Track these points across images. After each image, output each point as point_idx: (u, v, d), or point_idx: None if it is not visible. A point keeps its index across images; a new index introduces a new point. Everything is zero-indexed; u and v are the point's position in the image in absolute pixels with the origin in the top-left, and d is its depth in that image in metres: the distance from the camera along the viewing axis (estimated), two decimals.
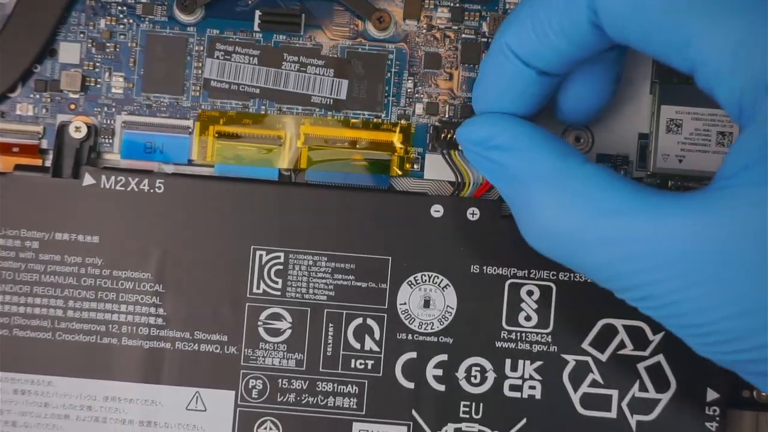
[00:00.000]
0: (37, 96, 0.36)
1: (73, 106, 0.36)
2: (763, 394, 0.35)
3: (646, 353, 0.35)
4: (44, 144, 0.36)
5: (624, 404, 0.35)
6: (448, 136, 0.36)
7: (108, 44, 0.36)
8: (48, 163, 0.36)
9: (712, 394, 0.35)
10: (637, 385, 0.35)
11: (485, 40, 0.36)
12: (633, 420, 0.35)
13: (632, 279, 0.28)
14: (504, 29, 0.30)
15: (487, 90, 0.31)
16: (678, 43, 0.27)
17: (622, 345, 0.35)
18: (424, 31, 0.36)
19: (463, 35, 0.36)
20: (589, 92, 0.33)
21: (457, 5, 0.36)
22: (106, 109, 0.36)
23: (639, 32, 0.28)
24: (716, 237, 0.26)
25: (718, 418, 0.35)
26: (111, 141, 0.36)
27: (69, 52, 0.36)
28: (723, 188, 0.26)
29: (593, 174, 0.29)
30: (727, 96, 0.27)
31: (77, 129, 0.35)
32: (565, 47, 0.29)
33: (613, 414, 0.35)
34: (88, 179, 0.35)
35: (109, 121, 0.36)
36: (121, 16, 0.36)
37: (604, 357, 0.35)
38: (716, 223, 0.26)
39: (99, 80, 0.36)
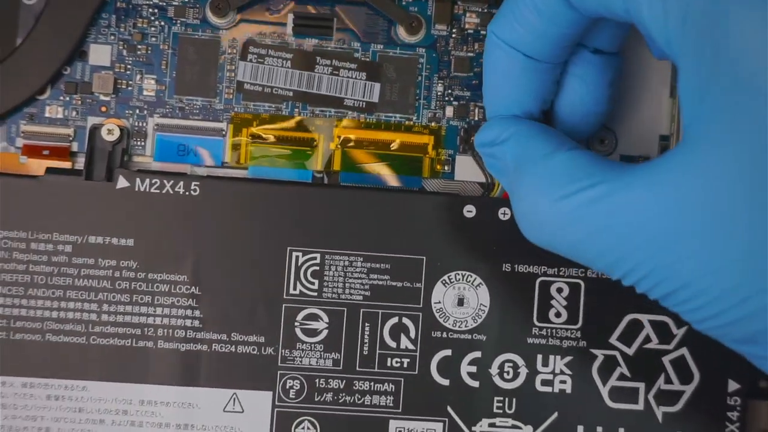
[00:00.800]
0: (67, 98, 0.30)
1: (104, 109, 0.31)
2: None
3: (671, 347, 0.31)
4: (74, 147, 0.31)
5: (650, 396, 0.31)
6: None
7: (139, 46, 0.31)
8: (78, 166, 0.30)
9: (733, 385, 0.31)
10: (662, 378, 0.31)
11: None
12: (659, 411, 0.31)
13: (611, 254, 0.24)
14: (492, 19, 0.27)
15: (489, 85, 0.28)
16: None
17: (647, 339, 0.31)
18: (453, 35, 0.31)
19: None
20: (583, 96, 0.29)
21: (485, 10, 0.31)
22: (137, 111, 0.31)
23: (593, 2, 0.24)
24: (670, 207, 0.22)
25: (738, 408, 0.31)
26: (143, 144, 0.31)
27: (99, 54, 0.31)
28: (678, 154, 0.22)
29: (574, 157, 0.25)
30: (656, 32, 0.23)
31: (110, 131, 0.30)
32: (541, 26, 0.26)
33: (640, 406, 0.31)
34: (122, 182, 0.30)
35: (140, 124, 0.31)
36: (152, 18, 0.30)
37: (630, 351, 0.31)
38: (675, 188, 0.22)
39: (130, 82, 0.31)
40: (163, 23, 0.31)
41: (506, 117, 0.28)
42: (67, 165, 0.30)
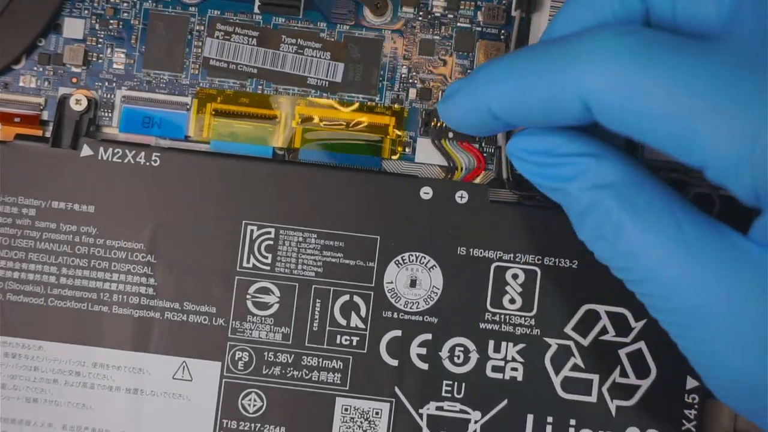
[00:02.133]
0: (40, 69, 0.31)
1: (74, 80, 0.31)
2: None
3: (628, 340, 0.30)
4: (45, 115, 0.31)
5: (604, 389, 0.30)
6: (438, 124, 0.31)
7: (111, 21, 0.31)
8: (48, 134, 0.31)
9: (691, 383, 0.30)
10: (618, 371, 0.30)
11: (479, 29, 0.31)
12: (613, 405, 0.30)
13: (669, 302, 0.23)
14: (486, 84, 0.24)
15: (457, 120, 0.26)
16: (681, 143, 0.22)
17: (604, 331, 0.30)
18: (420, 18, 0.31)
19: (458, 24, 0.31)
20: None
21: None
22: (107, 83, 0.31)
23: (640, 134, 0.22)
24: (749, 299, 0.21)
25: (696, 406, 0.29)
26: (110, 115, 0.31)
27: (73, 27, 0.31)
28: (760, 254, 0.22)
29: (662, 193, 0.23)
30: (741, 189, 0.22)
31: (78, 102, 0.30)
32: (544, 124, 0.24)
33: (593, 398, 0.30)
34: (86, 150, 0.30)
35: (109, 96, 0.31)
36: None
37: (586, 342, 0.30)
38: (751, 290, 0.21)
39: (101, 56, 0.31)
40: None
41: (558, 129, 0.25)
42: (37, 133, 0.31)
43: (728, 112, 0.21)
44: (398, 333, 0.30)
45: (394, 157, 0.31)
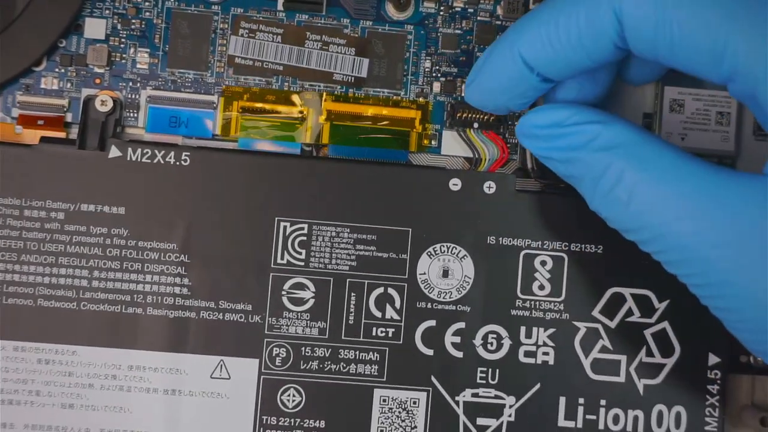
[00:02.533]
0: (62, 70, 0.30)
1: (98, 81, 0.31)
2: (759, 359, 0.31)
3: (652, 320, 0.31)
4: (69, 117, 0.30)
5: (632, 369, 0.31)
6: (464, 115, 0.31)
7: (134, 20, 0.30)
8: (72, 136, 0.30)
9: (713, 359, 0.31)
10: (644, 351, 0.31)
11: (499, 23, 0.31)
12: (640, 384, 0.31)
13: (685, 253, 0.23)
14: (517, 35, 0.25)
15: (486, 85, 0.27)
16: (712, 55, 0.22)
17: (629, 312, 0.31)
18: (441, 12, 0.31)
19: (479, 18, 0.31)
20: (590, 92, 0.28)
21: None
22: (131, 84, 0.30)
23: (669, 49, 0.23)
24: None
25: (719, 381, 0.31)
26: (136, 115, 0.31)
27: (94, 27, 0.30)
28: None
29: (670, 148, 0.24)
30: None
31: (103, 103, 0.30)
32: (580, 61, 0.25)
33: (621, 378, 0.31)
34: (114, 151, 0.30)
35: (133, 96, 0.30)
36: None
37: (613, 324, 0.31)
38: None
39: (124, 55, 0.30)
40: None
41: (563, 103, 0.27)
42: (61, 135, 0.30)
43: (759, 18, 0.21)
44: (432, 323, 0.30)
45: (425, 144, 0.31)
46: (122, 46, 0.31)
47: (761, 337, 0.23)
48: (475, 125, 0.31)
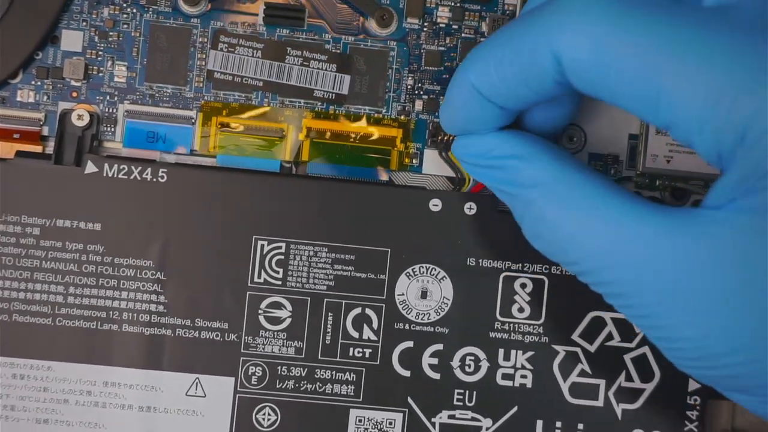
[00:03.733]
0: (39, 83, 0.30)
1: (75, 94, 0.30)
2: None
3: (632, 345, 0.30)
4: (45, 131, 0.30)
5: (611, 393, 0.30)
6: (446, 137, 0.30)
7: (111, 33, 0.30)
8: (49, 150, 0.30)
9: (693, 385, 0.30)
10: (623, 375, 0.30)
11: (484, 39, 0.30)
12: (619, 408, 0.30)
13: (616, 287, 0.23)
14: (469, 65, 0.25)
15: (453, 116, 0.26)
16: (647, 102, 0.22)
17: (609, 337, 0.30)
18: (425, 29, 0.30)
19: (464, 35, 0.30)
20: (558, 115, 0.27)
21: (458, 5, 0.30)
22: (108, 97, 0.30)
23: (608, 92, 0.22)
24: (701, 259, 0.22)
25: (698, 407, 0.30)
26: (113, 130, 0.30)
27: (71, 39, 0.30)
28: (710, 216, 0.22)
29: (591, 182, 0.24)
30: (705, 149, 0.22)
31: (80, 117, 0.29)
32: (526, 95, 0.24)
33: (600, 402, 0.30)
34: (90, 167, 0.29)
35: (111, 110, 0.30)
36: (124, 5, 0.30)
37: (592, 348, 0.30)
38: (702, 246, 0.22)
39: (101, 69, 0.30)
40: (135, 10, 0.30)
41: (497, 131, 0.26)
42: (37, 149, 0.30)
43: (693, 71, 0.21)
44: (410, 344, 0.30)
45: (406, 163, 0.31)
46: (100, 59, 0.30)
47: (691, 364, 0.23)
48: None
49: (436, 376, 0.30)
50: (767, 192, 0.21)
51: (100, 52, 0.30)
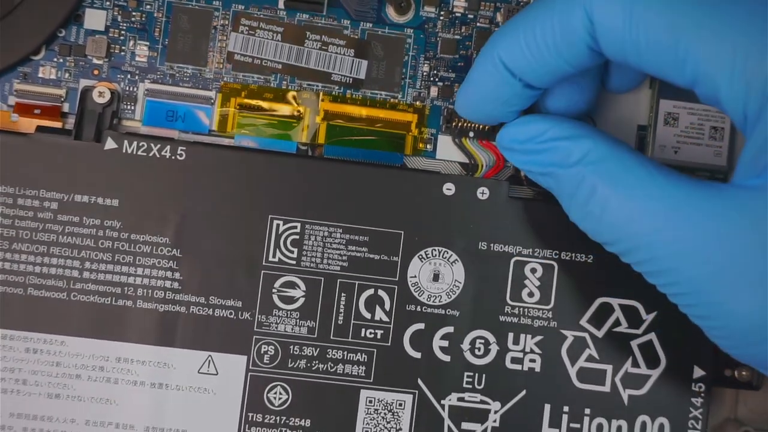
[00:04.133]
0: (61, 60, 0.30)
1: (96, 72, 0.30)
2: (743, 373, 0.31)
3: (639, 331, 0.30)
4: (65, 107, 0.30)
5: (617, 379, 0.30)
6: (460, 123, 0.31)
7: (134, 13, 0.30)
8: (69, 126, 0.30)
9: (698, 372, 0.30)
10: (630, 361, 0.30)
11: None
12: (625, 394, 0.30)
13: (660, 263, 0.23)
14: (497, 40, 0.26)
15: (472, 94, 0.27)
16: (676, 59, 0.23)
17: (617, 323, 0.30)
18: (441, 17, 0.31)
19: (479, 24, 0.31)
20: (577, 101, 0.28)
21: None
22: (129, 76, 0.30)
23: (636, 51, 0.23)
24: (746, 234, 0.22)
25: (703, 394, 0.30)
26: (133, 108, 0.30)
27: (94, 18, 0.30)
28: (745, 188, 0.23)
29: (640, 161, 0.24)
30: (731, 106, 0.23)
31: (101, 94, 0.30)
32: (558, 65, 0.25)
33: (606, 388, 0.30)
34: (110, 143, 0.29)
35: (131, 89, 0.30)
36: None
37: (600, 334, 0.30)
38: (748, 222, 0.22)
39: (123, 48, 0.30)
40: None
41: (536, 114, 0.27)
42: (57, 125, 0.30)
43: (722, 28, 0.22)
44: (421, 326, 0.30)
45: (420, 148, 0.31)
46: (122, 38, 0.30)
47: (735, 342, 0.23)
48: (471, 134, 0.31)
49: (447, 358, 0.30)
50: None
51: (123, 32, 0.30)
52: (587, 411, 0.30)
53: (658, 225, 0.23)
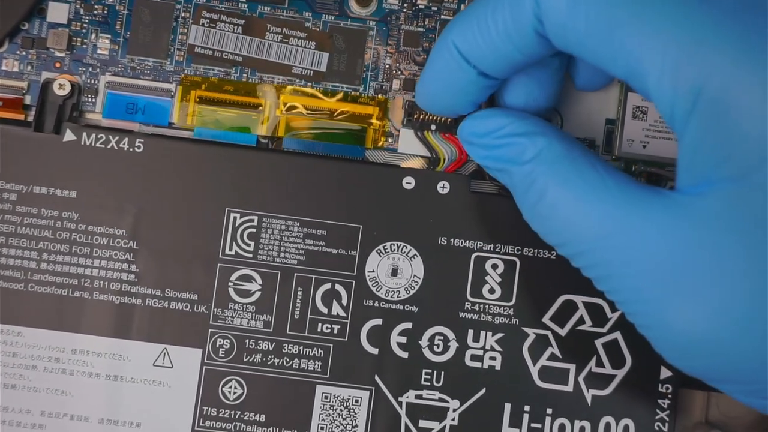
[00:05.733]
0: (23, 53, 0.30)
1: (58, 65, 0.30)
2: None
3: (604, 330, 0.29)
4: (28, 100, 0.30)
5: (581, 378, 0.29)
6: (421, 116, 0.30)
7: (96, 6, 0.30)
8: (30, 119, 0.30)
9: (665, 373, 0.29)
10: (594, 361, 0.29)
11: None
12: (589, 394, 0.29)
13: (605, 269, 0.23)
14: (451, 26, 0.25)
15: (430, 83, 0.26)
16: (611, 50, 0.22)
17: (581, 321, 0.29)
18: (404, 9, 0.30)
19: (443, 16, 0.30)
20: (537, 96, 0.27)
21: None
22: (90, 69, 0.30)
23: (577, 39, 0.23)
24: (688, 243, 0.21)
25: (670, 396, 0.29)
26: (94, 100, 0.30)
27: (57, 11, 0.30)
28: (687, 195, 0.22)
29: (592, 164, 0.24)
30: (660, 105, 0.22)
31: (61, 86, 0.29)
32: (508, 52, 0.24)
33: (569, 387, 0.29)
34: (68, 135, 0.29)
35: (93, 81, 0.30)
36: None
37: (563, 332, 0.29)
38: (688, 230, 0.21)
39: (85, 40, 0.30)
40: None
41: (498, 108, 0.26)
42: (19, 117, 0.30)
43: (653, 23, 0.21)
44: (379, 322, 0.29)
45: (382, 141, 0.30)
46: (84, 31, 0.30)
47: (677, 354, 0.22)
48: (433, 127, 0.30)
49: (405, 354, 0.29)
50: (729, 166, 0.20)
51: (85, 24, 0.30)
52: (549, 411, 0.29)
53: (603, 231, 0.23)
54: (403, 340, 0.29)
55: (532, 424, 0.29)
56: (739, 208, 0.20)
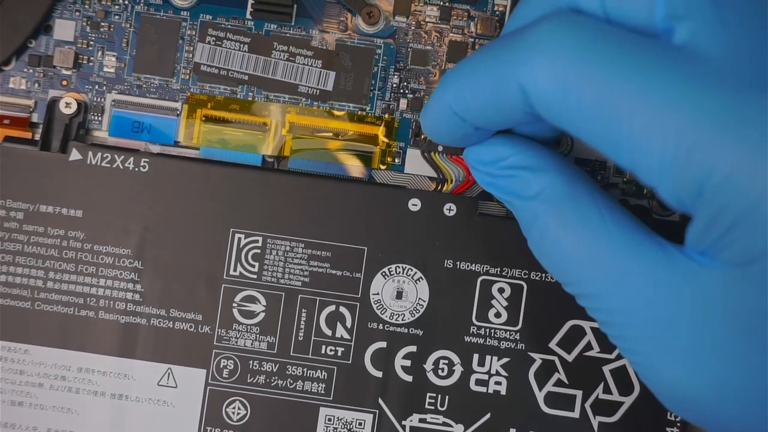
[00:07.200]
0: (30, 71, 0.30)
1: (64, 83, 0.30)
2: None
3: (612, 356, 0.29)
4: (35, 118, 0.30)
5: (587, 405, 0.29)
6: (428, 138, 0.29)
7: (102, 23, 0.30)
8: (37, 137, 0.29)
9: None
10: (601, 387, 0.29)
11: (472, 40, 0.30)
12: (595, 421, 0.29)
13: (608, 316, 0.22)
14: (446, 84, 0.24)
15: (431, 125, 0.25)
16: (609, 144, 0.21)
17: (588, 347, 0.29)
18: (412, 28, 0.30)
19: (451, 34, 0.30)
20: (542, 128, 0.26)
21: (446, 4, 0.29)
22: (97, 87, 0.30)
23: (573, 128, 0.21)
24: (690, 305, 0.21)
25: (678, 425, 0.29)
26: (100, 118, 0.30)
27: (64, 29, 0.30)
28: (693, 260, 0.21)
29: (596, 205, 0.23)
30: (667, 196, 0.21)
31: (67, 105, 0.29)
32: (503, 121, 0.23)
33: (576, 414, 0.29)
34: (75, 154, 0.29)
35: (99, 99, 0.30)
36: None
37: (570, 357, 0.29)
38: (690, 292, 0.21)
39: (92, 58, 0.30)
40: (126, 2, 0.30)
41: (507, 135, 0.25)
42: (26, 135, 0.30)
43: (653, 116, 0.20)
44: (383, 344, 0.29)
45: (382, 167, 0.30)
46: (90, 48, 0.30)
47: (673, 406, 0.22)
48: (440, 148, 0.30)
49: (409, 378, 0.29)
50: (738, 246, 0.19)
51: (91, 42, 0.30)
52: None
53: (604, 281, 0.22)
54: (408, 363, 0.29)
55: None
56: (740, 293, 0.20)
